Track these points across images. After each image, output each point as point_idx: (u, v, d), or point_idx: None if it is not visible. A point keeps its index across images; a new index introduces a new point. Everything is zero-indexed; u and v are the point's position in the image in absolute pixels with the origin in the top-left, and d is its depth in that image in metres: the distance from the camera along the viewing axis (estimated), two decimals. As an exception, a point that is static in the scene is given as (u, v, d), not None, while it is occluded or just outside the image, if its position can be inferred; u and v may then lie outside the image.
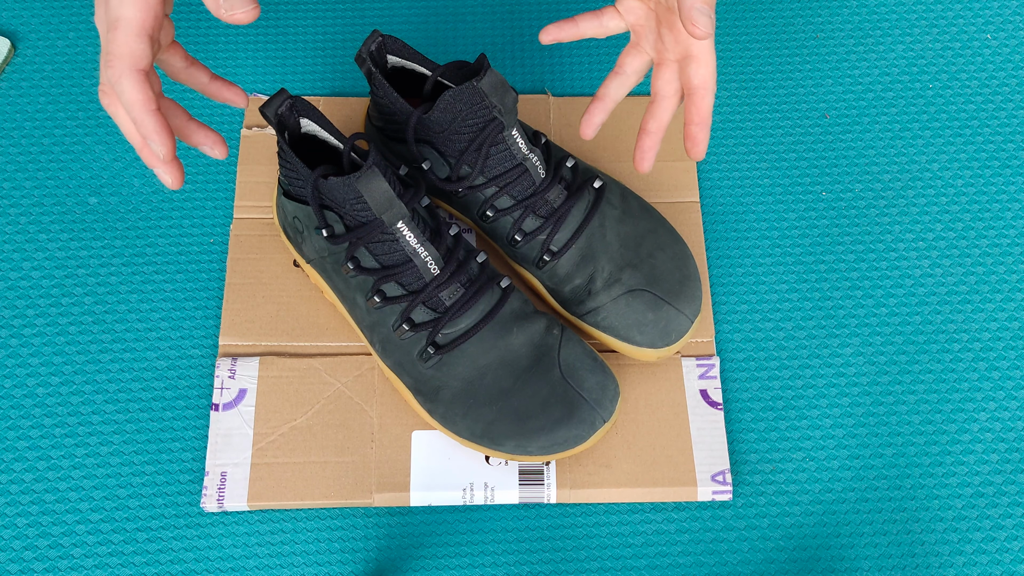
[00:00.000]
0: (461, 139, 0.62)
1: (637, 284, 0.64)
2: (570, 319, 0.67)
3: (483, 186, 0.63)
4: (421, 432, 0.65)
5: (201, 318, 0.69)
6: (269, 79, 0.78)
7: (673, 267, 0.65)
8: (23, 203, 0.72)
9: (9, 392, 0.67)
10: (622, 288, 0.64)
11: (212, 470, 0.64)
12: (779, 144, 0.77)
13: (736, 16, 0.82)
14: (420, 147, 0.64)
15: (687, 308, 0.64)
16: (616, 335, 0.64)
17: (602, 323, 0.64)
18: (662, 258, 0.65)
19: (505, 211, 0.64)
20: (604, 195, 0.65)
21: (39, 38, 0.78)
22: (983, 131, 0.78)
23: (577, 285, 0.65)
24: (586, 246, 0.64)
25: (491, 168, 0.63)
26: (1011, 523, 0.65)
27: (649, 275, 0.64)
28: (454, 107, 0.60)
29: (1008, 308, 0.71)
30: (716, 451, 0.65)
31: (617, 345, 0.65)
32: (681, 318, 0.64)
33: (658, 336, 0.64)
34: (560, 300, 0.66)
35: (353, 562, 0.63)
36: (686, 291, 0.65)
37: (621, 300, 0.64)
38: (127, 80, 0.49)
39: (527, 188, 0.63)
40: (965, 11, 0.83)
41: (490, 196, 0.64)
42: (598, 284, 0.64)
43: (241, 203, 0.72)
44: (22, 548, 0.63)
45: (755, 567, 0.63)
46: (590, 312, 0.65)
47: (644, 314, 0.64)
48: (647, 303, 0.64)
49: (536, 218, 0.64)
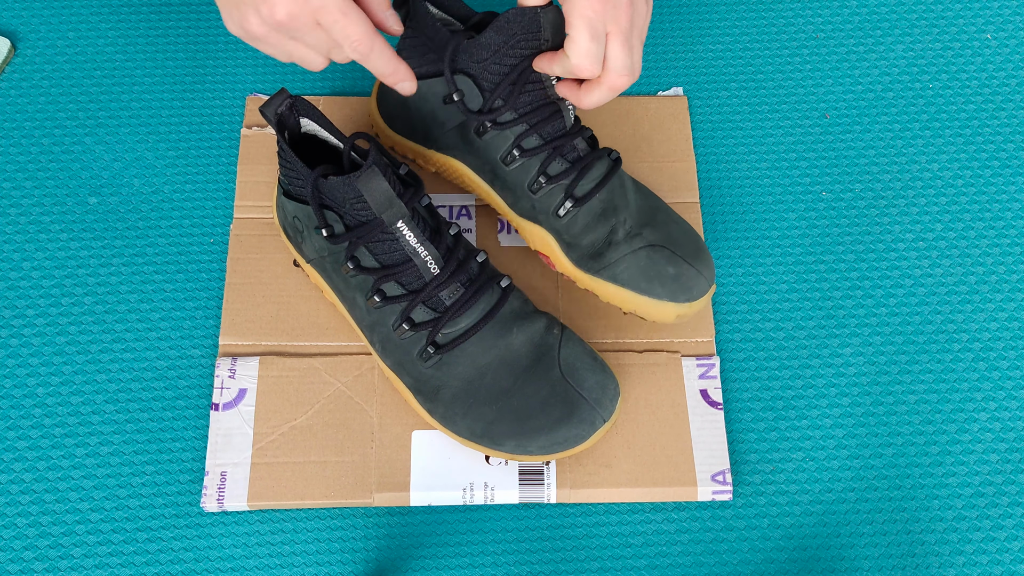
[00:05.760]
0: (502, 68, 0.61)
1: (657, 240, 0.63)
2: (580, 279, 0.65)
3: (512, 123, 0.62)
4: (421, 432, 0.65)
5: (201, 318, 0.69)
6: (269, 79, 0.78)
7: (689, 239, 0.64)
8: (23, 203, 0.72)
9: (9, 392, 0.67)
10: (643, 242, 0.63)
11: (212, 470, 0.64)
12: (779, 144, 0.77)
13: (736, 16, 0.82)
14: (456, 77, 0.63)
15: (706, 272, 0.63)
16: (636, 288, 0.63)
17: (621, 275, 0.63)
18: (677, 230, 0.65)
19: (532, 151, 0.63)
20: (621, 167, 0.65)
21: (39, 38, 0.78)
22: (983, 131, 0.78)
23: (596, 237, 0.63)
24: (608, 199, 0.64)
25: (524, 104, 0.62)
26: (1011, 523, 0.65)
27: (669, 237, 0.64)
28: (510, 29, 0.59)
29: (1008, 308, 0.71)
30: (716, 451, 0.65)
31: (635, 302, 0.63)
32: (700, 278, 0.63)
33: (679, 290, 0.62)
34: (575, 255, 0.64)
35: (353, 562, 0.63)
36: (703, 259, 0.64)
37: (642, 253, 0.63)
38: (379, 45, 0.54)
39: (558, 129, 0.63)
40: (965, 11, 0.83)
41: (518, 135, 0.63)
42: (619, 235, 0.63)
43: (241, 203, 0.72)
44: (22, 548, 0.63)
45: (755, 567, 0.63)
46: (608, 266, 0.63)
47: (665, 268, 0.62)
48: (667, 258, 0.63)
49: (563, 162, 0.63)
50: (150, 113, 0.76)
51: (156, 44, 0.78)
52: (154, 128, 0.75)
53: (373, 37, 0.54)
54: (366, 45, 0.53)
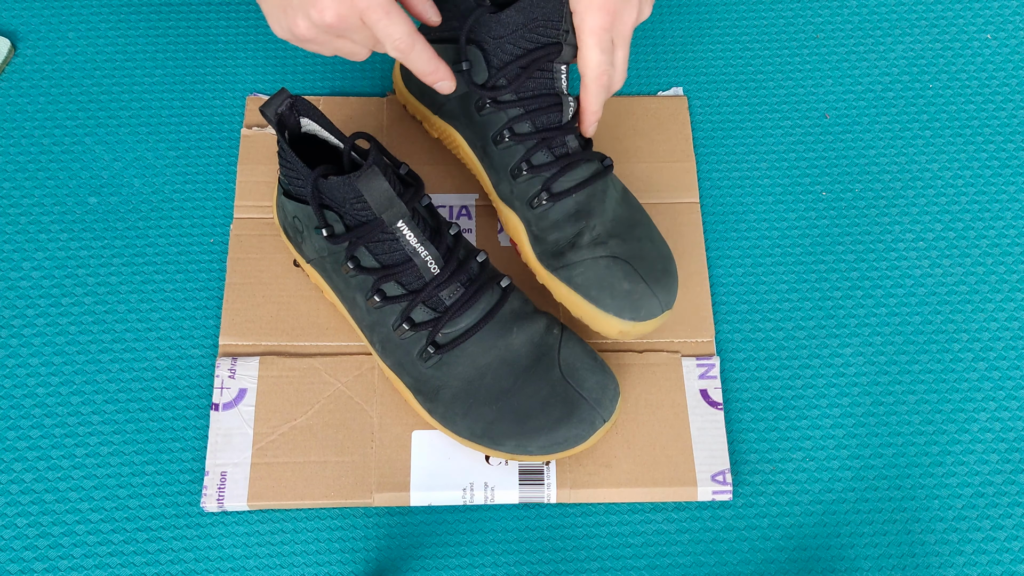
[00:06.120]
0: (515, 48, 0.61)
1: (621, 254, 0.63)
2: (539, 272, 0.65)
3: (509, 104, 0.62)
4: (421, 432, 0.65)
5: (201, 318, 0.69)
6: (269, 79, 0.78)
7: (658, 259, 0.64)
8: (23, 203, 0.72)
9: (9, 392, 0.67)
10: (606, 251, 0.63)
11: (212, 470, 0.64)
12: (779, 144, 0.77)
13: (736, 16, 0.82)
14: (468, 47, 0.62)
15: (662, 296, 0.62)
16: (587, 296, 0.62)
17: (575, 279, 0.63)
18: (649, 248, 0.64)
19: (521, 137, 0.63)
20: (610, 174, 0.65)
21: (39, 38, 0.78)
22: (983, 131, 0.78)
23: (562, 236, 0.64)
24: (584, 201, 0.63)
25: (527, 89, 0.62)
26: (1011, 523, 0.65)
27: (635, 253, 0.63)
28: (532, 12, 0.59)
29: (1008, 308, 0.71)
30: (716, 451, 0.65)
31: (583, 309, 0.63)
32: (654, 302, 0.62)
33: (628, 307, 0.62)
34: (540, 249, 0.65)
35: (353, 562, 0.63)
36: (665, 283, 0.63)
37: (601, 262, 0.62)
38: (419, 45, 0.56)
39: (552, 120, 0.63)
40: (965, 11, 0.83)
41: (512, 118, 0.63)
42: (584, 239, 0.63)
43: (241, 203, 0.72)
44: (22, 548, 0.63)
45: (755, 567, 0.63)
46: (565, 267, 0.63)
47: (620, 282, 0.62)
48: (625, 273, 0.62)
49: (548, 154, 0.63)
50: (150, 113, 0.76)
51: (156, 44, 0.78)
52: (154, 128, 0.75)
53: (414, 36, 0.55)
54: (407, 44, 0.55)
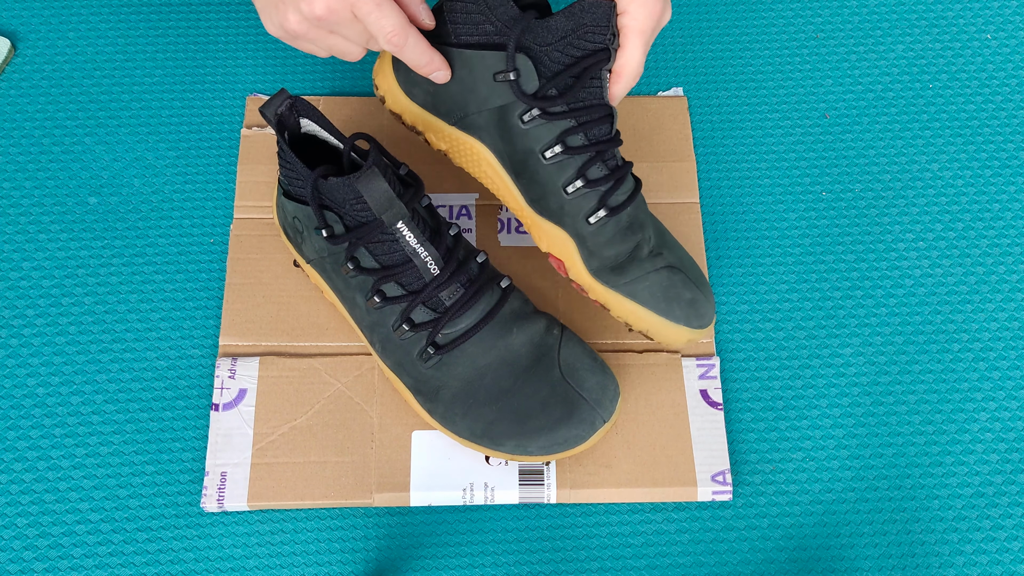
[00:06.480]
0: (564, 56, 0.58)
1: (675, 263, 0.63)
2: (595, 289, 0.63)
3: (561, 116, 0.59)
4: (421, 432, 0.65)
5: (201, 318, 0.69)
6: (269, 79, 0.78)
7: (692, 263, 0.65)
8: (23, 203, 0.72)
9: (9, 392, 0.67)
10: (663, 262, 0.63)
11: (212, 470, 0.64)
12: (779, 144, 0.77)
13: (736, 16, 0.82)
14: (518, 55, 0.59)
15: (711, 298, 0.64)
16: (656, 309, 0.62)
17: (640, 293, 0.62)
18: (683, 253, 0.65)
19: (575, 150, 0.60)
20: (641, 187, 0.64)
21: (39, 38, 0.78)
22: (983, 131, 0.78)
23: (621, 251, 0.62)
24: (634, 214, 0.62)
25: (579, 100, 0.59)
26: (1011, 523, 0.65)
27: (681, 260, 0.64)
28: (581, 18, 0.57)
29: (1008, 308, 0.71)
30: (716, 451, 0.65)
31: (649, 320, 0.62)
32: (708, 305, 0.63)
33: (694, 315, 0.62)
34: (595, 265, 0.63)
35: (353, 562, 0.63)
36: (707, 284, 0.64)
37: (663, 273, 0.62)
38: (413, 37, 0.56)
39: (604, 133, 0.61)
40: (965, 11, 0.83)
41: (564, 130, 0.60)
42: (644, 252, 0.62)
43: (241, 203, 0.72)
44: (22, 548, 0.63)
45: (755, 567, 0.63)
46: (629, 282, 0.62)
47: (682, 291, 0.62)
48: (683, 282, 0.63)
49: (603, 167, 0.61)
50: (150, 113, 0.76)
51: (156, 44, 0.78)
52: (154, 128, 0.75)
53: (407, 29, 0.55)
54: (400, 37, 0.55)
